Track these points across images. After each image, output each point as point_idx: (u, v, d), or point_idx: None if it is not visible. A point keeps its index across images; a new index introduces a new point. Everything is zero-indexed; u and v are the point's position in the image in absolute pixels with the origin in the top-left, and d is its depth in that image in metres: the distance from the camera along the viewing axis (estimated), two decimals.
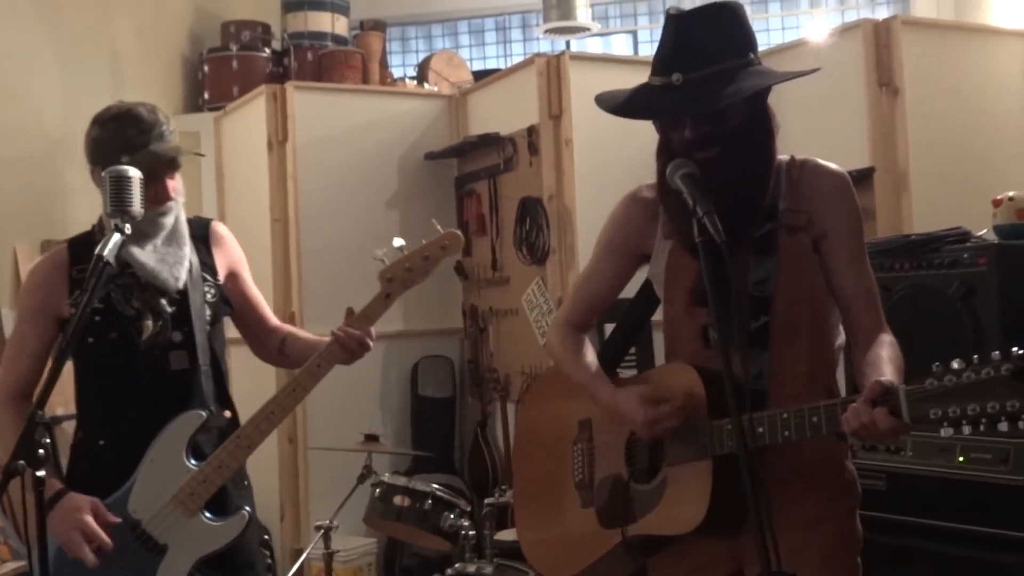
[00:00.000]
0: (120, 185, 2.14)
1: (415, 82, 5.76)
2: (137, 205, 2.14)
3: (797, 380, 1.97)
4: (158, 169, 2.41)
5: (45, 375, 2.07)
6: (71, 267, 2.45)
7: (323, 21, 5.96)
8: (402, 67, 7.01)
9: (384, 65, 6.03)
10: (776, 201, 2.01)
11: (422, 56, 6.37)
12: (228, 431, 2.47)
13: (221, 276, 2.58)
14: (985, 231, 3.05)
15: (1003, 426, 1.60)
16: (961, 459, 2.68)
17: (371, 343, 2.43)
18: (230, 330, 2.67)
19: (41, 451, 1.88)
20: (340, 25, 6.02)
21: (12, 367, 2.45)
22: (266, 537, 2.80)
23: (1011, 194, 3.08)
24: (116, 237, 2.09)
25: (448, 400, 5.07)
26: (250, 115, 4.93)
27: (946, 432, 1.66)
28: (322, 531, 3.63)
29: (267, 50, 5.83)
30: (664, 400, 2.00)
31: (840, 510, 2.03)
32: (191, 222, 2.55)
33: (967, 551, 2.63)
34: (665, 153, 2.01)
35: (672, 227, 2.05)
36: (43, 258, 2.56)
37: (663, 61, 1.96)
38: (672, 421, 1.98)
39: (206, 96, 5.76)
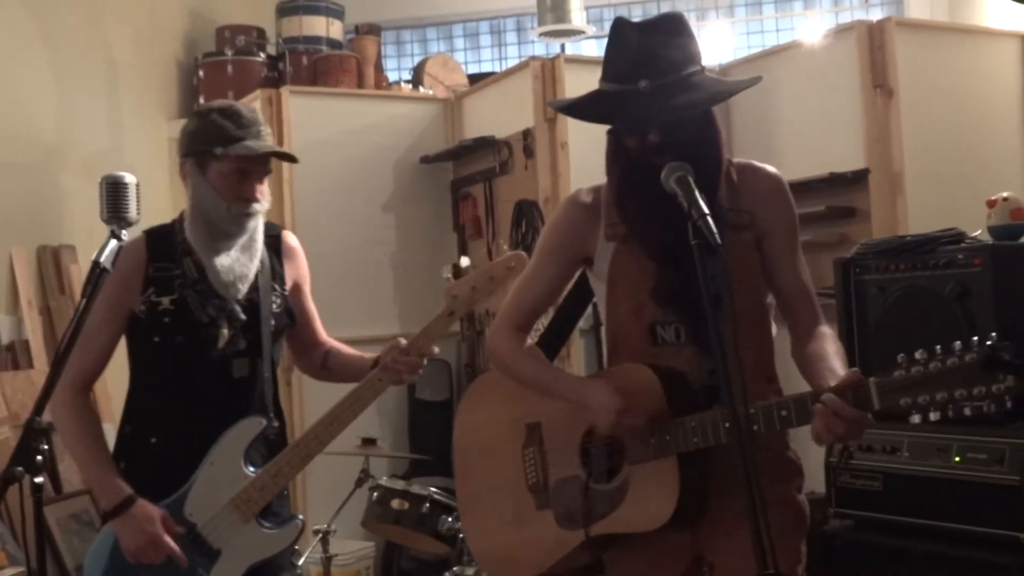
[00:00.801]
0: (116, 191, 2.13)
1: (410, 86, 5.75)
2: (133, 211, 2.14)
3: (744, 371, 2.00)
4: (250, 167, 2.40)
5: (43, 380, 2.06)
6: (148, 264, 2.42)
7: (318, 25, 5.95)
8: (397, 71, 6.99)
9: (379, 69, 6.02)
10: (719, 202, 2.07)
11: (417, 60, 6.35)
12: (276, 440, 2.49)
13: (288, 288, 2.57)
14: (980, 232, 3.05)
15: (967, 411, 1.69)
16: (957, 459, 2.68)
17: (425, 362, 2.46)
18: None
19: (39, 457, 1.88)
20: (335, 29, 6.01)
21: (81, 357, 2.37)
22: (297, 548, 2.80)
23: (1005, 195, 3.09)
24: (112, 244, 2.09)
25: (445, 403, 5.07)
26: None
27: (914, 419, 1.74)
28: (320, 535, 3.63)
29: (262, 55, 5.81)
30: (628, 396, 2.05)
31: (787, 489, 2.13)
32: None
33: (963, 551, 2.64)
34: (621, 158, 2.09)
35: (644, 229, 2.09)
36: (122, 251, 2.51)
37: (625, 68, 2.02)
38: (641, 417, 2.02)
39: (201, 101, 5.74)
